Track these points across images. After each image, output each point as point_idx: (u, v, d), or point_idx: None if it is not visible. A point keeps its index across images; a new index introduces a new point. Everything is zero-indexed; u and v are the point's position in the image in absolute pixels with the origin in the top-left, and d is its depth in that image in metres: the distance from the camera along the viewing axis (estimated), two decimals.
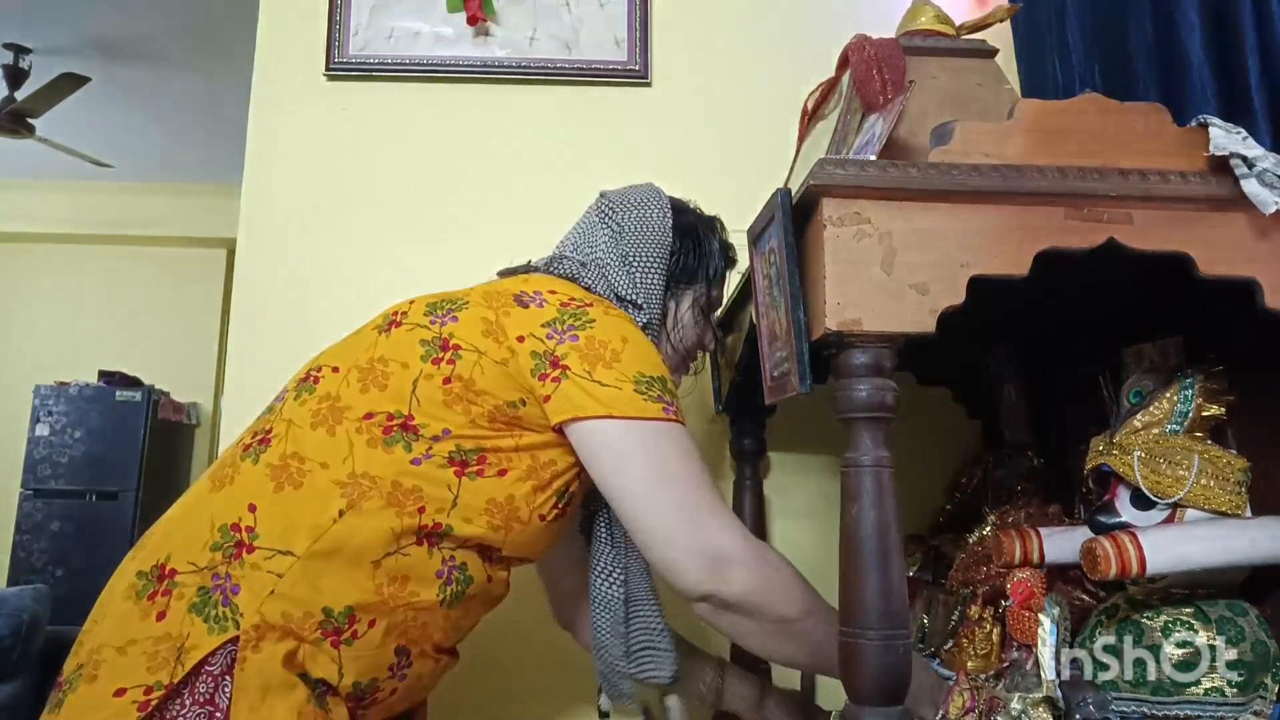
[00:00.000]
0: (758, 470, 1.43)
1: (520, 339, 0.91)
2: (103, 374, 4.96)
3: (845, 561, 0.73)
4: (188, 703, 0.78)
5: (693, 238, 1.09)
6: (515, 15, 1.63)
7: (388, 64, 1.60)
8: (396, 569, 0.85)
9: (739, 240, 1.05)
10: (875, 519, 0.72)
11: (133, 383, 4.93)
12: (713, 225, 1.13)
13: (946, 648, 1.12)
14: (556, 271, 1.04)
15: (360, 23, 1.61)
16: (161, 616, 0.81)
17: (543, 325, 0.92)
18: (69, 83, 3.79)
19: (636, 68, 1.61)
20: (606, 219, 1.07)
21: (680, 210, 1.10)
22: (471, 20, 1.59)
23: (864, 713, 0.71)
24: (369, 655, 0.85)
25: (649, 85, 1.62)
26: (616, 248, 1.04)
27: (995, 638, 1.03)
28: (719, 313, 1.34)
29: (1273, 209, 0.74)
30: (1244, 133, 0.79)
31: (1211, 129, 0.79)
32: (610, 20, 1.63)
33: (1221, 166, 0.77)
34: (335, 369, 0.94)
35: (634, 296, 1.02)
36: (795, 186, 0.79)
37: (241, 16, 1.88)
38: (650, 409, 0.88)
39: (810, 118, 1.19)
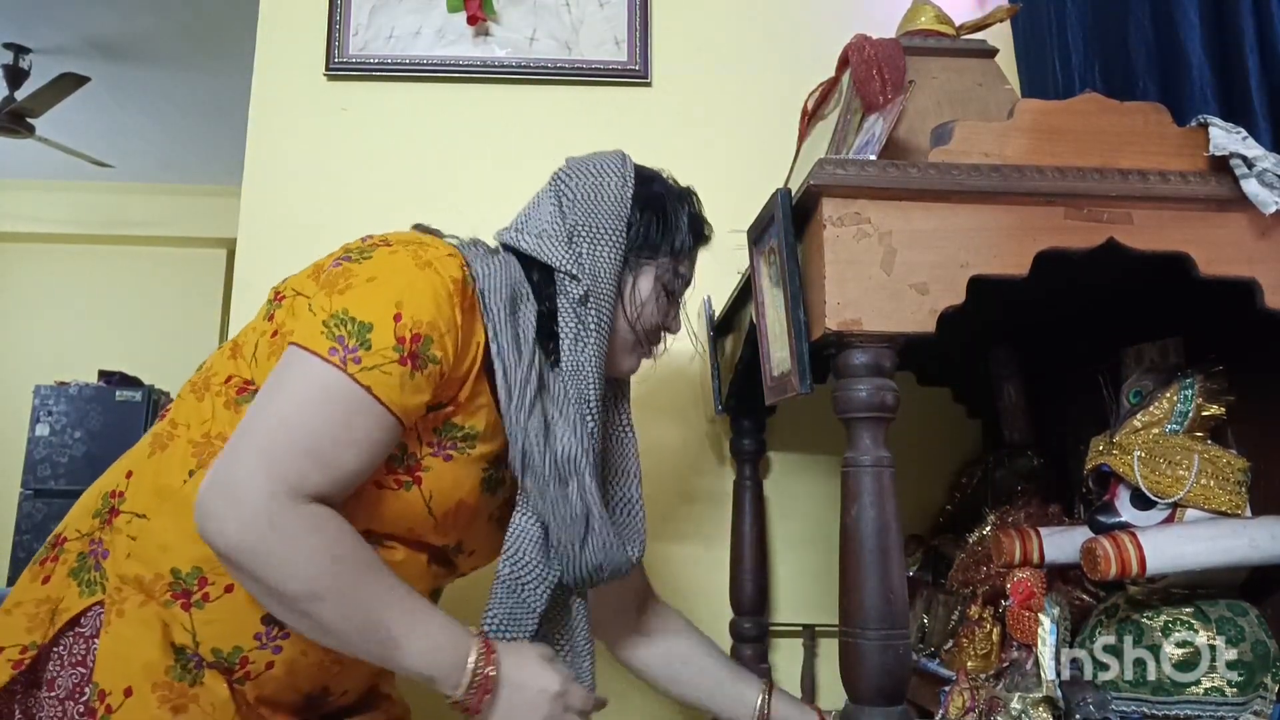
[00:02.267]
0: (758, 470, 1.43)
1: (323, 270, 0.88)
2: (103, 374, 4.95)
3: (845, 561, 0.73)
4: (65, 662, 0.81)
5: (657, 209, 1.00)
6: (515, 15, 1.63)
7: (388, 64, 1.60)
8: None
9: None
10: (875, 519, 0.72)
11: (133, 383, 4.92)
12: (683, 197, 1.03)
13: (946, 648, 1.12)
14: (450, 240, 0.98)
15: (360, 23, 1.61)
16: (46, 580, 0.85)
17: (337, 258, 0.88)
18: (69, 83, 3.79)
19: (636, 68, 1.61)
20: (558, 187, 0.99)
21: (648, 179, 1.02)
22: (471, 20, 1.59)
23: (864, 713, 0.71)
24: (224, 620, 0.82)
25: (649, 85, 1.62)
26: (563, 220, 0.96)
27: (995, 638, 1.03)
28: (721, 311, 1.34)
29: (1273, 209, 0.74)
30: (1244, 133, 0.79)
31: (1211, 129, 0.79)
32: (610, 20, 1.63)
33: (1221, 166, 0.77)
34: (221, 348, 0.94)
35: (570, 268, 0.93)
36: (795, 186, 0.79)
37: (241, 16, 1.88)
38: (318, 343, 0.79)
39: (810, 118, 1.19)
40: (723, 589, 1.41)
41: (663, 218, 1.00)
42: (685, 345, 1.49)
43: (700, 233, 1.04)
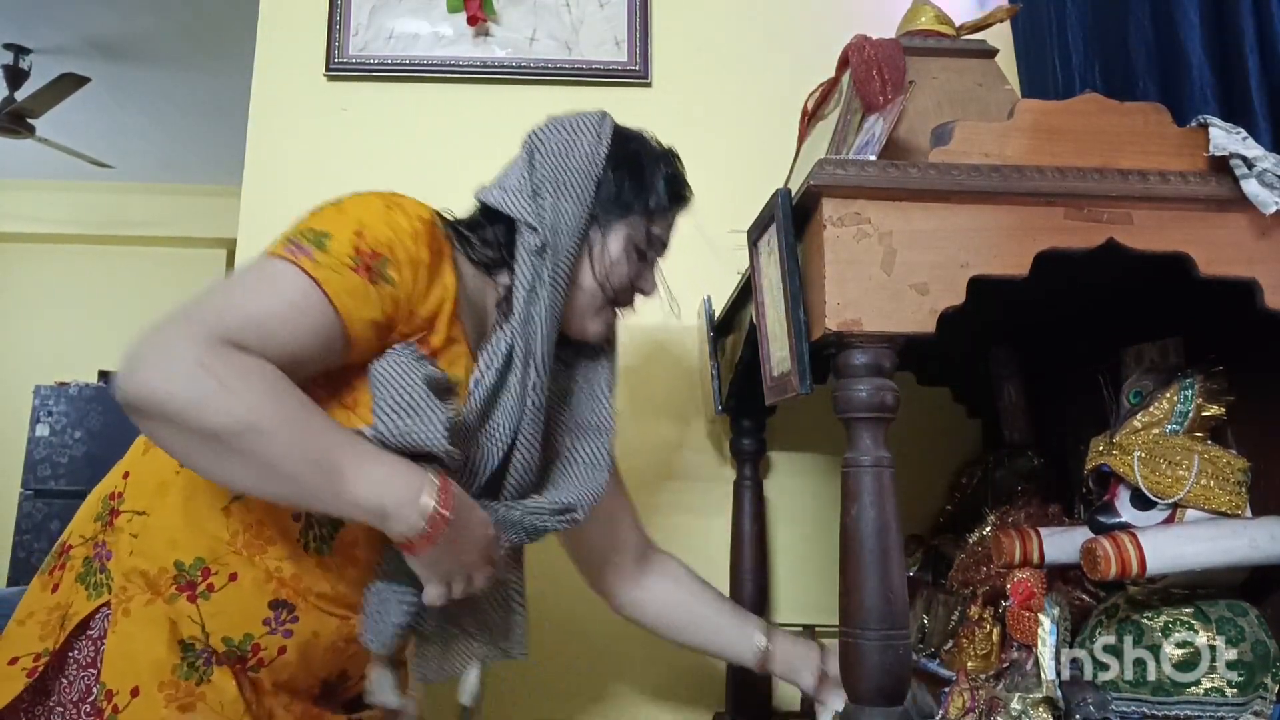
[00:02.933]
0: (758, 470, 1.43)
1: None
2: (103, 374, 4.94)
3: (845, 561, 0.73)
4: (77, 665, 0.81)
5: (632, 167, 0.98)
6: (515, 15, 1.63)
7: (388, 64, 1.60)
8: (249, 515, 0.83)
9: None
10: (875, 519, 0.72)
11: None
12: (662, 158, 1.01)
13: (946, 648, 1.12)
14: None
15: (360, 23, 1.61)
16: (55, 589, 0.85)
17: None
18: (69, 83, 3.79)
19: (636, 68, 1.61)
20: (531, 144, 0.98)
21: (626, 138, 1.00)
22: (471, 20, 1.59)
23: (864, 713, 0.71)
24: (231, 609, 0.82)
25: (649, 85, 1.62)
26: (530, 174, 0.95)
27: (995, 638, 1.03)
28: (721, 311, 1.34)
29: (1273, 209, 0.74)
30: (1244, 133, 0.79)
31: (1211, 129, 0.79)
32: (610, 20, 1.63)
33: (1221, 166, 0.77)
34: None
35: (529, 219, 0.93)
36: (795, 186, 0.79)
37: (241, 16, 1.88)
38: (275, 249, 0.80)
39: (810, 118, 1.19)
40: (723, 589, 1.41)
41: (638, 176, 0.98)
42: (684, 344, 1.49)
43: (678, 194, 1.02)
